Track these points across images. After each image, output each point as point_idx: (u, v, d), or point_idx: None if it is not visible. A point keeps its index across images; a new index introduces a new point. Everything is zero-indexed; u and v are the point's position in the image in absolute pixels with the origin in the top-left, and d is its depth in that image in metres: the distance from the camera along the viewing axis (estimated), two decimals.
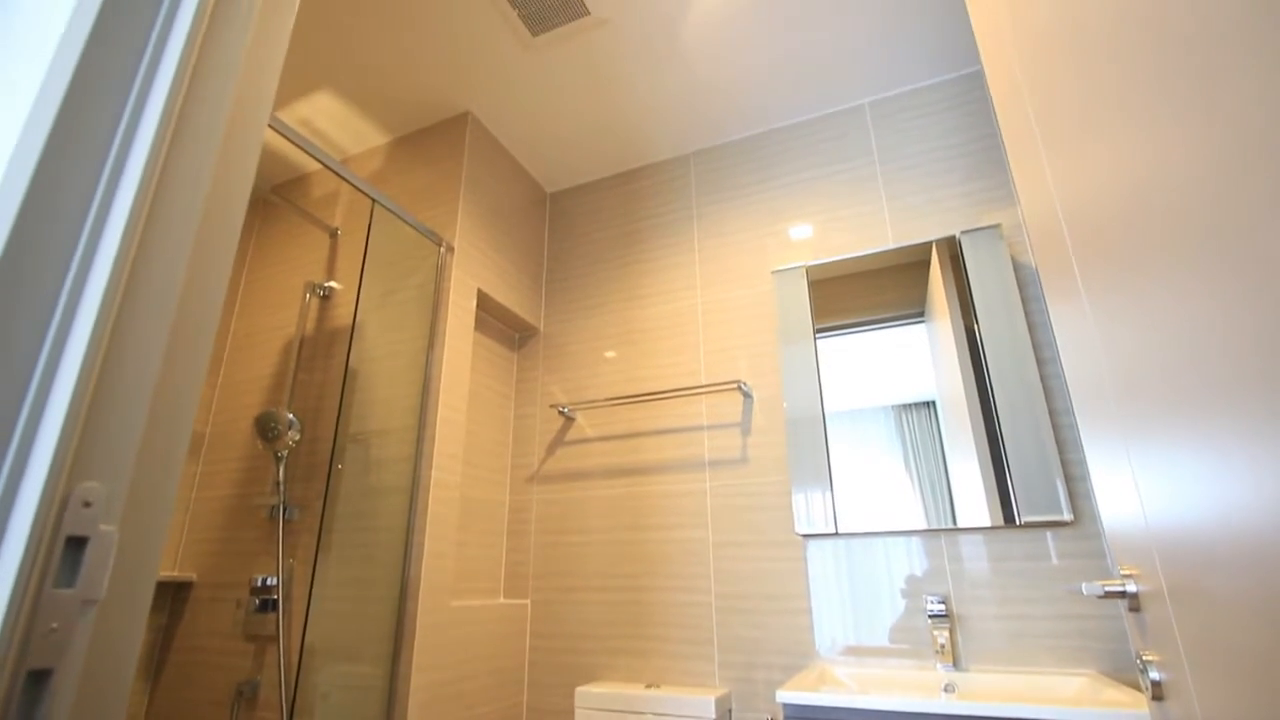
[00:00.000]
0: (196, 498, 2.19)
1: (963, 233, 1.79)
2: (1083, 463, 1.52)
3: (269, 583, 1.90)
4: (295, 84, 2.10)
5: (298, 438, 2.02)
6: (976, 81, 1.99)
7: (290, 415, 2.00)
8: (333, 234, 2.33)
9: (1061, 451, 1.55)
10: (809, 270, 1.98)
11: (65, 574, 0.37)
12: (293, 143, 1.56)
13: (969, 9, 1.10)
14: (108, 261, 0.41)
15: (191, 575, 2.07)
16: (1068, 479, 1.53)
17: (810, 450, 1.80)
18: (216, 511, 2.12)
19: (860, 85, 2.08)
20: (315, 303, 2.24)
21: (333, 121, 2.27)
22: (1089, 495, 1.52)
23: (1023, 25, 0.85)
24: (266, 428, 1.98)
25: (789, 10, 1.82)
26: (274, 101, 0.66)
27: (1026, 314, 1.68)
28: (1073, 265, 0.82)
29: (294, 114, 2.23)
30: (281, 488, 1.95)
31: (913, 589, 1.63)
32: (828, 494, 1.74)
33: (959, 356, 1.69)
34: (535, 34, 1.88)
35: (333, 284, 2.24)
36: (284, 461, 1.98)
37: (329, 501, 1.81)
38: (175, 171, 0.48)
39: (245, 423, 2.20)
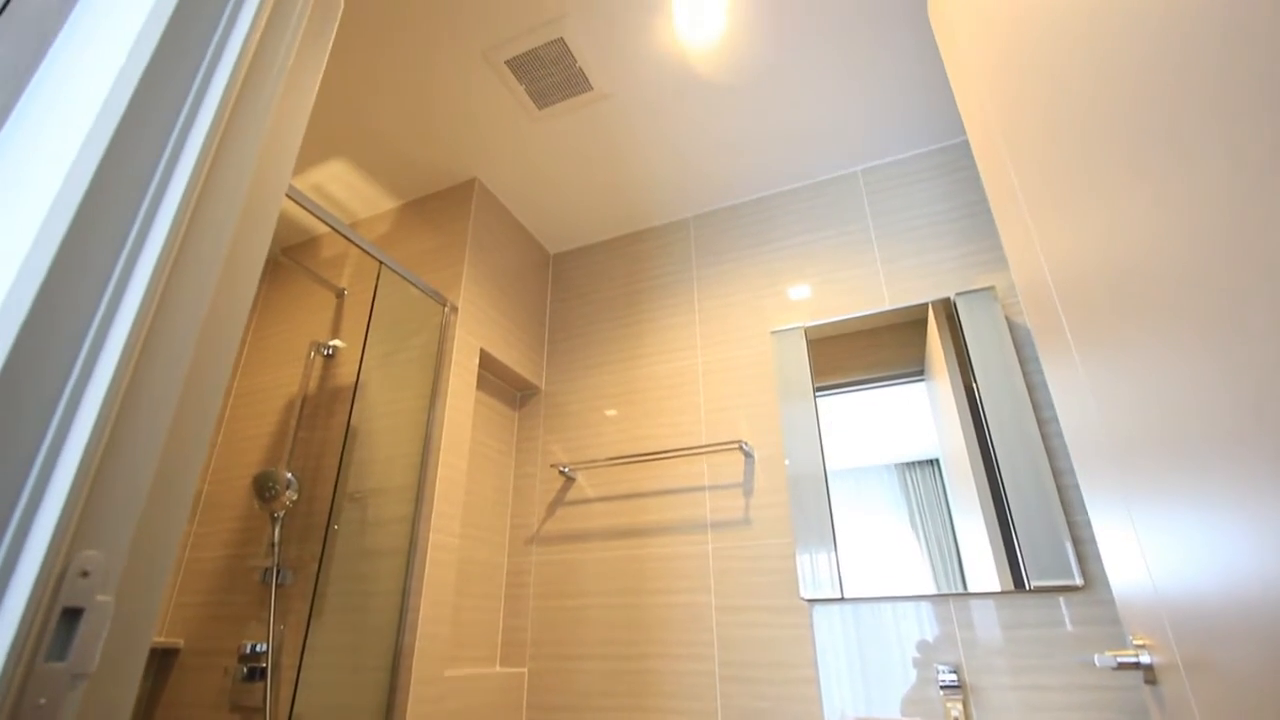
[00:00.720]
0: (188, 559, 2.15)
1: (957, 294, 1.82)
2: (1090, 524, 1.50)
3: (258, 650, 1.84)
4: (310, 152, 2.19)
5: (295, 497, 2.00)
6: (965, 150, 2.07)
7: (289, 475, 1.99)
8: (339, 294, 2.38)
9: (1068, 513, 1.53)
10: (807, 330, 2.00)
11: (58, 646, 0.36)
12: (305, 209, 1.61)
13: (953, 86, 1.16)
14: (123, 332, 0.42)
15: (178, 641, 2.00)
16: (1075, 541, 1.50)
17: (814, 511, 1.78)
18: (208, 574, 2.08)
19: (853, 154, 2.16)
20: (319, 361, 2.26)
21: (344, 187, 2.35)
22: (1099, 558, 1.48)
23: (1003, 102, 0.89)
24: (264, 487, 1.97)
25: (782, 84, 1.91)
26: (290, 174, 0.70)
27: (1025, 374, 1.69)
28: (1064, 327, 0.84)
29: (307, 180, 2.32)
30: (276, 549, 1.92)
31: (924, 657, 1.58)
32: (832, 557, 1.71)
33: (959, 415, 1.69)
34: (541, 107, 1.97)
35: (337, 343, 2.27)
36: (280, 522, 1.96)
37: (324, 564, 1.78)
38: (195, 243, 0.50)
39: (243, 482, 2.18)
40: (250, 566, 2.00)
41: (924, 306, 1.86)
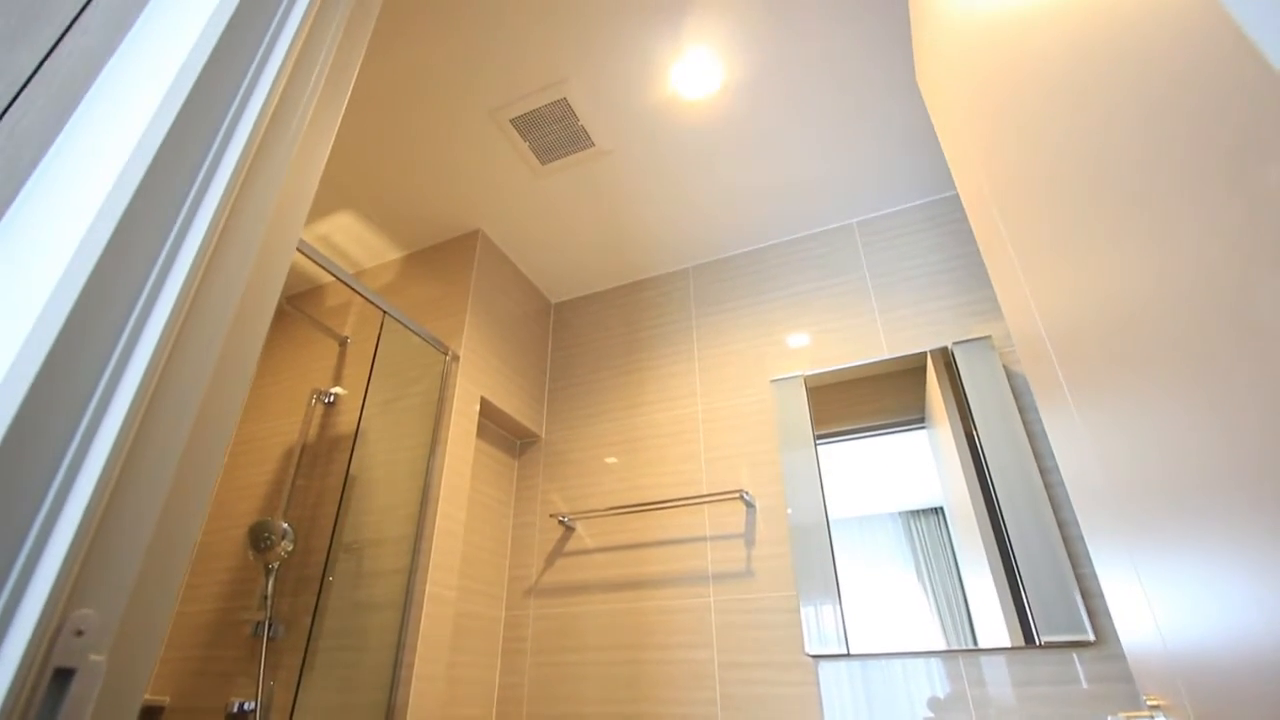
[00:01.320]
0: (178, 612, 2.10)
1: (955, 344, 1.84)
2: (1098, 577, 1.47)
3: (246, 708, 1.77)
4: (319, 203, 2.24)
5: (291, 548, 1.97)
6: (959, 203, 2.12)
7: (285, 525, 1.96)
8: (342, 342, 2.40)
9: (1075, 564, 1.50)
10: (807, 379, 2.01)
11: (47, 709, 0.36)
12: (313, 260, 1.65)
13: (943, 145, 1.21)
14: (130, 389, 0.43)
15: (164, 699, 1.94)
16: (1084, 594, 1.47)
17: (817, 562, 1.75)
18: (198, 627, 2.03)
19: (848, 206, 2.22)
20: (320, 409, 2.26)
21: (351, 237, 2.40)
22: (1109, 612, 1.45)
23: (991, 162, 0.92)
24: (259, 538, 1.94)
25: (776, 140, 1.98)
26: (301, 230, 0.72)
27: (1025, 422, 1.69)
28: (1059, 377, 0.85)
29: (314, 230, 2.37)
30: (269, 602, 1.88)
31: (936, 717, 1.52)
32: (837, 610, 1.67)
33: (961, 464, 1.68)
34: (544, 163, 2.03)
35: (338, 390, 2.27)
36: (274, 574, 1.92)
37: (317, 617, 1.74)
38: (207, 297, 0.52)
39: (238, 531, 2.15)
40: (241, 620, 1.95)
41: (922, 355, 1.87)
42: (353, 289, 1.80)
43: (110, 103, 0.61)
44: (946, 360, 1.83)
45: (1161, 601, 0.65)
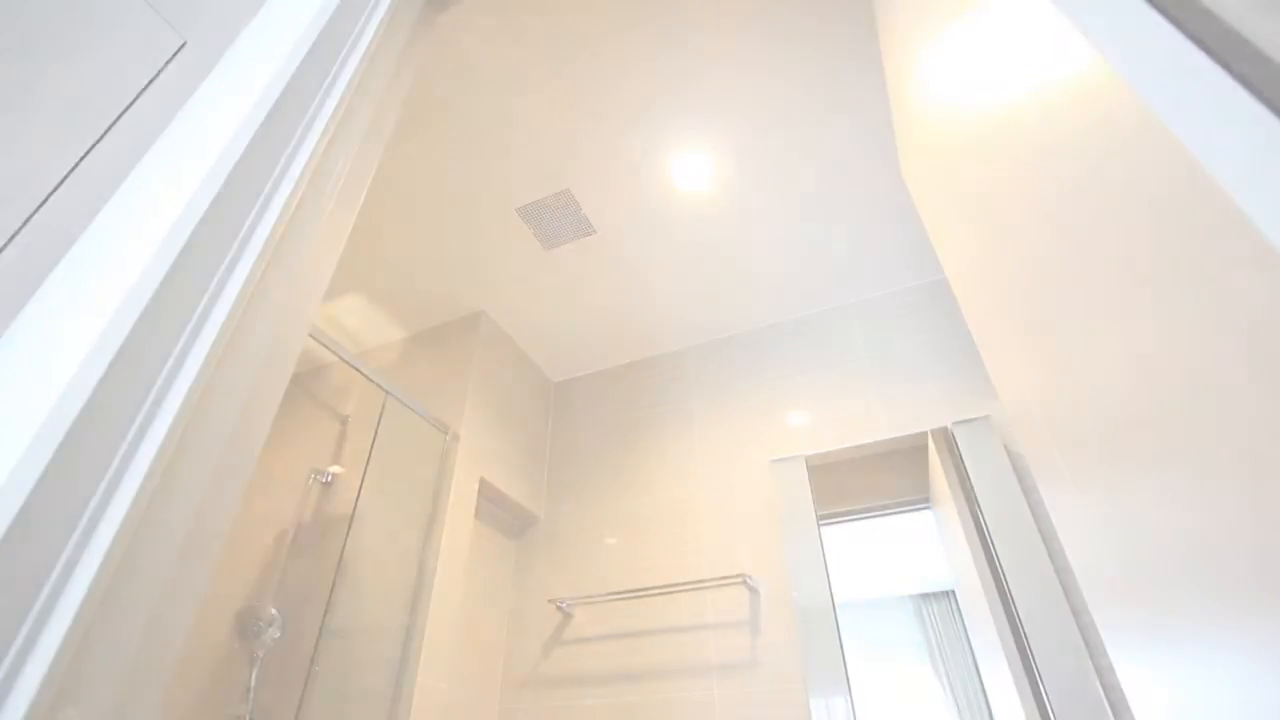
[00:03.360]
0: None
1: (955, 424, 1.84)
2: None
3: None
4: (328, 286, 2.31)
5: (278, 635, 1.89)
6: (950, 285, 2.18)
7: (273, 611, 1.90)
8: (343, 421, 2.40)
9: (1093, 654, 1.44)
10: (808, 459, 2.00)
11: None
12: (319, 342, 1.68)
13: (929, 233, 1.26)
14: (134, 484, 0.44)
15: None
16: (1106, 688, 1.40)
17: (825, 651, 1.68)
18: None
19: (844, 288, 2.28)
20: (317, 488, 2.24)
21: (357, 318, 2.46)
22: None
23: (976, 250, 0.96)
24: (246, 625, 1.87)
25: (773, 227, 2.06)
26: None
27: (1030, 504, 1.66)
28: (1058, 461, 0.85)
29: (322, 312, 2.43)
30: (251, 694, 1.79)
31: None
32: (848, 703, 1.59)
33: (969, 546, 1.64)
34: (547, 248, 2.11)
35: (336, 469, 2.25)
36: (259, 663, 1.84)
37: (301, 712, 1.65)
38: (218, 388, 0.53)
39: (223, 617, 2.07)
40: (221, 714, 1.85)
41: (923, 435, 1.87)
42: (356, 370, 1.82)
43: (136, 203, 0.65)
44: (947, 440, 1.83)
45: (1182, 704, 0.63)
